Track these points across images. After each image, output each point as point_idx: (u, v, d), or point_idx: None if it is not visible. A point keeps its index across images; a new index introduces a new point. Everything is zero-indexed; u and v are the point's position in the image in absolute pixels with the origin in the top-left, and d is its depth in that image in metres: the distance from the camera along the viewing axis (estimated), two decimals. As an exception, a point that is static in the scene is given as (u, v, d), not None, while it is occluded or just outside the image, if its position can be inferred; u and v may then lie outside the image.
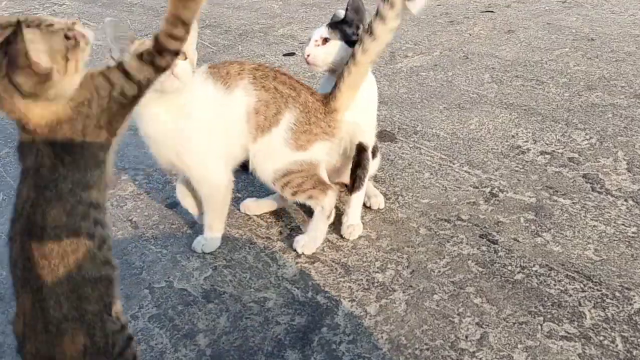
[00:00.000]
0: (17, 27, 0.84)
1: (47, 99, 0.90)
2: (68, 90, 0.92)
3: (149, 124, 1.50)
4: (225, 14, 4.29)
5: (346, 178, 1.77)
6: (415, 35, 3.40)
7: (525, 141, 2.12)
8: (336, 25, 1.62)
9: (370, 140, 1.70)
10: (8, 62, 0.85)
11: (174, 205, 1.90)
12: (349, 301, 1.44)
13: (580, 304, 1.38)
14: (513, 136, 2.16)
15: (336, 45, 1.60)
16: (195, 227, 1.77)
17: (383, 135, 2.25)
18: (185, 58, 1.41)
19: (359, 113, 1.64)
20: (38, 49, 0.85)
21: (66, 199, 0.94)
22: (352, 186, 1.70)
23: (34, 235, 0.94)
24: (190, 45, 1.45)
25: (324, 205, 1.59)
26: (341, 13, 1.65)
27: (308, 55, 1.61)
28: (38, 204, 0.93)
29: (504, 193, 1.83)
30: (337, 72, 1.59)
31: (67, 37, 0.91)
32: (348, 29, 1.60)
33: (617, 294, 1.40)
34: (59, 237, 0.94)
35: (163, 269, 1.61)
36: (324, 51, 1.60)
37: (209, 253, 1.65)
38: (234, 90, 1.53)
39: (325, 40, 1.60)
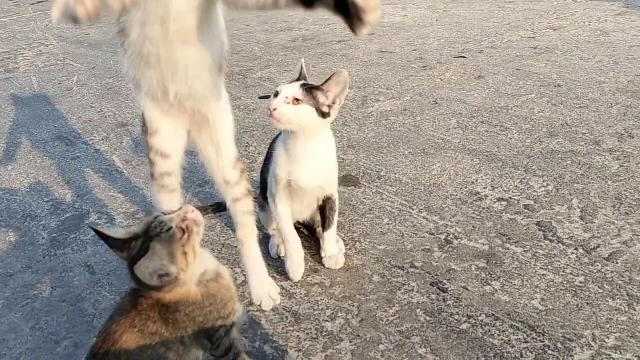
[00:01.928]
0: (145, 239, 1.06)
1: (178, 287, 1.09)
2: (194, 275, 1.11)
3: None
4: (206, 56, 4.38)
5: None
6: (388, 80, 3.48)
7: (484, 187, 2.16)
8: (311, 89, 1.54)
9: (332, 191, 1.73)
10: (140, 283, 1.08)
11: (134, 250, 1.91)
12: (295, 351, 1.45)
13: (522, 355, 1.39)
14: (473, 182, 2.20)
15: (307, 111, 1.53)
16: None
17: (347, 180, 2.29)
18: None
19: (321, 178, 1.66)
20: (163, 261, 1.04)
21: None
22: (324, 225, 1.77)
23: None
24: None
25: None
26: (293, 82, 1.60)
27: (274, 110, 1.50)
28: None
29: (459, 240, 1.85)
30: (297, 134, 1.57)
31: (183, 231, 1.06)
32: (322, 98, 1.54)
33: (559, 345, 1.41)
34: None
35: (114, 317, 1.61)
36: (293, 112, 1.51)
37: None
38: None
39: (297, 100, 1.52)
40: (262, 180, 1.86)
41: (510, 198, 2.07)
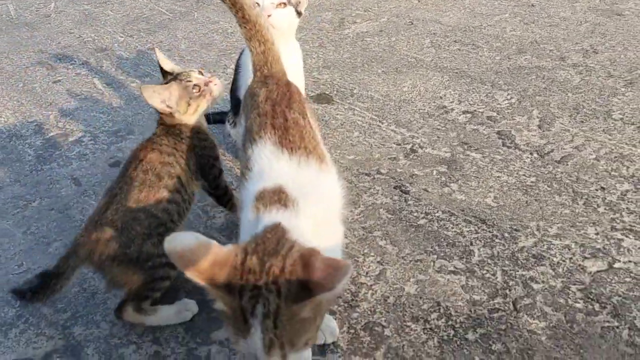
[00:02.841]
0: (172, 78, 1.44)
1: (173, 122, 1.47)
2: (188, 121, 1.46)
3: None
4: (184, -18, 4.33)
5: None
6: (366, 2, 3.50)
7: (451, 101, 2.26)
8: None
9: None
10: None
11: (117, 164, 2.01)
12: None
13: (471, 244, 1.54)
14: (441, 97, 2.30)
15: (292, 12, 1.70)
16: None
17: (321, 98, 2.37)
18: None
19: (299, 79, 1.77)
20: (172, 96, 1.41)
21: None
22: None
23: None
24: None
25: None
26: None
27: (269, 16, 1.64)
28: None
29: (423, 149, 1.97)
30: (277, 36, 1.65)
31: (199, 89, 1.42)
32: (293, 1, 1.70)
33: (505, 234, 1.56)
34: None
35: (100, 221, 1.73)
36: (284, 15, 1.67)
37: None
38: None
39: (283, 4, 1.67)
40: (232, 98, 1.94)
41: (475, 110, 2.18)
